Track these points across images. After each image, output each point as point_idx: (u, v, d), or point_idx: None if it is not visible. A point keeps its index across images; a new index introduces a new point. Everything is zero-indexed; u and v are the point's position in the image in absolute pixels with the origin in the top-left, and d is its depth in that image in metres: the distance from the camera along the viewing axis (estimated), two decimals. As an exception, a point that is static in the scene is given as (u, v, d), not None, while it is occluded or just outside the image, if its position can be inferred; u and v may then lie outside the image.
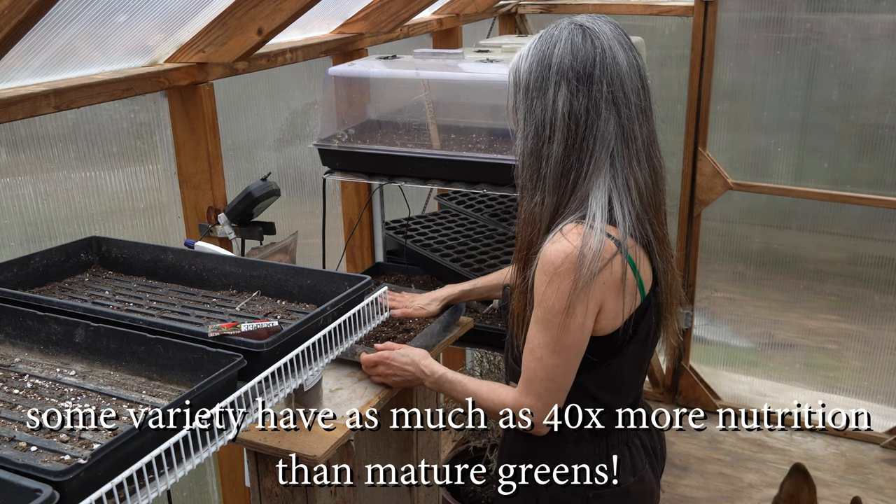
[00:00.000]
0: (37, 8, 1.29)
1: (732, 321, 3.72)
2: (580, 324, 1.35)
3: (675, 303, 1.49)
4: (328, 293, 1.37)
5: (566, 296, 1.32)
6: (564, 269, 1.32)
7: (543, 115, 1.35)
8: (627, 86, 1.34)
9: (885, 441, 3.46)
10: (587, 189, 1.35)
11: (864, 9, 3.11)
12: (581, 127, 1.33)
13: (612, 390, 1.47)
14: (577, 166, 1.35)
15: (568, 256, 1.32)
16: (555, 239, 1.34)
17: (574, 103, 1.33)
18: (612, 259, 1.33)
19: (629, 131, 1.35)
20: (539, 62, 1.36)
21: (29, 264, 1.45)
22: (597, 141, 1.34)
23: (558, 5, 3.62)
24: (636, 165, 1.36)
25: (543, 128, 1.35)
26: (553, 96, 1.34)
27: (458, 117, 2.25)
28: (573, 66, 1.33)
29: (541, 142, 1.36)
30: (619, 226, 1.34)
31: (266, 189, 1.99)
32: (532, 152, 1.38)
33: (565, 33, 1.35)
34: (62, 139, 1.82)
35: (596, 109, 1.33)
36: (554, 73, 1.34)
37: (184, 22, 1.91)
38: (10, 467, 0.86)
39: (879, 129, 3.18)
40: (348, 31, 2.59)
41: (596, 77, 1.33)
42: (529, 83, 1.37)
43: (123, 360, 1.18)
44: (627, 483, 1.50)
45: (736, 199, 3.48)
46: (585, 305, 1.34)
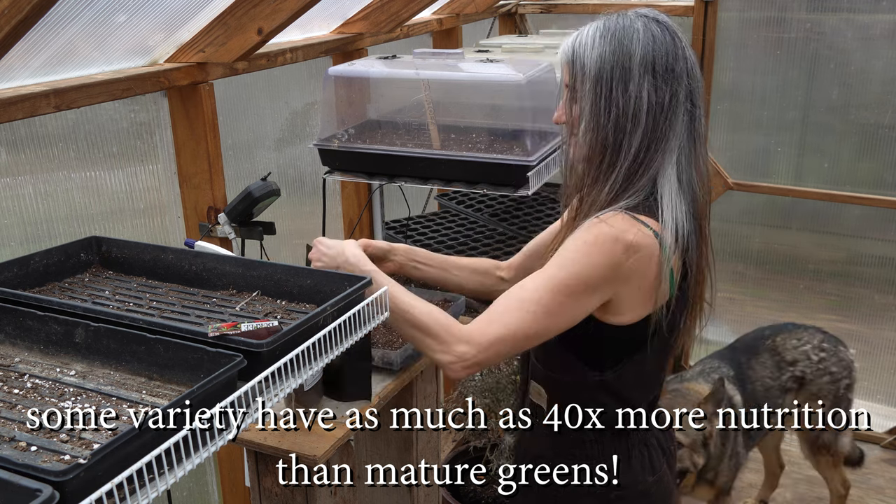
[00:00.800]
0: (36, 8, 1.29)
1: (732, 321, 3.72)
2: (591, 300, 1.32)
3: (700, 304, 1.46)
4: (328, 293, 1.36)
5: (595, 269, 1.29)
6: (606, 246, 1.29)
7: (625, 106, 1.31)
8: (698, 82, 1.35)
9: (885, 441, 3.46)
10: (651, 181, 1.34)
11: (864, 9, 3.12)
12: (661, 121, 1.32)
13: (636, 387, 1.46)
14: (651, 160, 1.33)
15: (614, 238, 1.29)
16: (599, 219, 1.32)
17: (658, 97, 1.31)
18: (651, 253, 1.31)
19: (697, 127, 1.35)
20: (616, 53, 1.31)
21: (29, 264, 1.45)
22: (673, 135, 1.33)
23: (558, 5, 3.62)
24: (700, 162, 1.37)
25: (625, 120, 1.32)
26: (637, 89, 1.31)
27: (458, 117, 2.25)
28: (657, 59, 1.31)
29: (621, 134, 1.32)
30: (667, 221, 1.33)
31: (266, 189, 1.99)
32: (607, 144, 1.34)
33: (640, 24, 1.32)
34: (62, 139, 1.82)
35: (676, 104, 1.32)
36: (637, 64, 1.30)
37: (184, 22, 1.91)
38: (10, 467, 0.86)
39: (879, 129, 3.18)
40: (348, 31, 2.59)
41: (677, 71, 1.32)
42: (603, 73, 1.32)
43: (123, 360, 1.18)
44: (647, 483, 1.49)
45: (736, 199, 3.48)
46: (602, 293, 1.32)
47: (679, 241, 1.33)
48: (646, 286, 1.33)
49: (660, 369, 1.50)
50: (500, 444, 2.85)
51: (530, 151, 2.00)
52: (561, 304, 1.31)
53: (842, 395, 2.74)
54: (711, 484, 2.58)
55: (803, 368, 2.71)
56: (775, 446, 3.08)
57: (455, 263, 1.71)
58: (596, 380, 1.42)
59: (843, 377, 2.73)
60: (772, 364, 2.72)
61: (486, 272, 1.72)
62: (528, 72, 2.04)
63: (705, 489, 2.60)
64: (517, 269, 1.70)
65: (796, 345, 2.74)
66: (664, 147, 1.33)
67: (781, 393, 2.70)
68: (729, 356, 2.76)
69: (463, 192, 2.86)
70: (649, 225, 1.31)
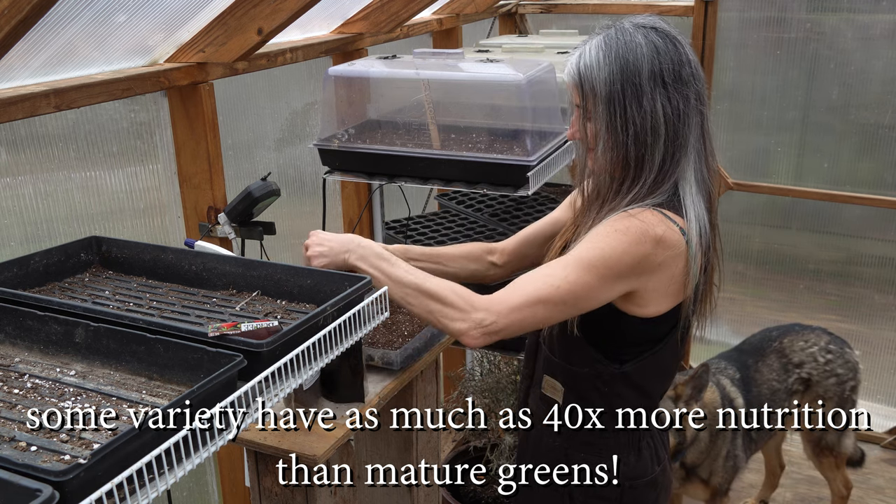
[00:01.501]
0: (36, 8, 1.29)
1: (732, 321, 3.72)
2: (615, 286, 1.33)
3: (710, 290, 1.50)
4: (328, 293, 1.36)
5: (626, 256, 1.30)
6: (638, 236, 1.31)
7: (643, 122, 1.33)
8: (703, 81, 1.37)
9: (885, 441, 3.46)
10: (674, 185, 1.37)
11: (864, 9, 3.12)
12: (680, 128, 1.35)
13: (654, 378, 1.49)
14: (675, 166, 1.36)
15: (646, 231, 1.31)
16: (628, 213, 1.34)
17: (672, 106, 1.33)
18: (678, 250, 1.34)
19: (706, 125, 1.39)
20: (623, 71, 1.33)
21: (29, 264, 1.45)
22: (690, 139, 1.36)
23: (558, 5, 3.62)
24: (710, 158, 1.40)
25: (645, 134, 1.34)
26: (651, 103, 1.33)
27: (458, 117, 2.25)
28: (664, 70, 1.33)
29: (642, 148, 1.35)
30: (691, 220, 1.36)
31: (266, 189, 1.99)
32: (630, 159, 1.36)
33: (640, 37, 1.34)
34: (62, 139, 1.82)
35: (689, 108, 1.35)
36: (647, 79, 1.32)
37: (184, 22, 1.91)
38: (10, 467, 0.86)
39: (879, 129, 3.18)
40: (348, 31, 2.59)
41: (685, 77, 1.34)
42: (614, 94, 1.34)
43: (123, 360, 1.18)
44: (655, 472, 1.53)
45: (736, 199, 3.48)
46: (627, 282, 1.33)
47: (703, 237, 1.37)
48: (671, 281, 1.36)
49: (676, 361, 1.53)
50: (500, 444, 2.85)
51: (530, 151, 2.00)
52: (586, 284, 1.32)
53: (847, 396, 2.73)
54: (706, 483, 2.57)
55: (810, 370, 2.70)
56: (776, 446, 3.08)
57: (449, 255, 1.71)
58: (616, 372, 1.45)
59: (848, 379, 2.73)
60: (778, 366, 2.70)
61: (478, 258, 1.72)
62: (528, 72, 2.04)
63: (699, 487, 2.59)
64: (510, 256, 1.71)
65: (804, 346, 2.72)
66: (685, 151, 1.36)
67: (787, 395, 2.69)
68: (735, 357, 2.75)
69: (463, 192, 2.86)
70: (676, 222, 1.34)
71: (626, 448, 1.51)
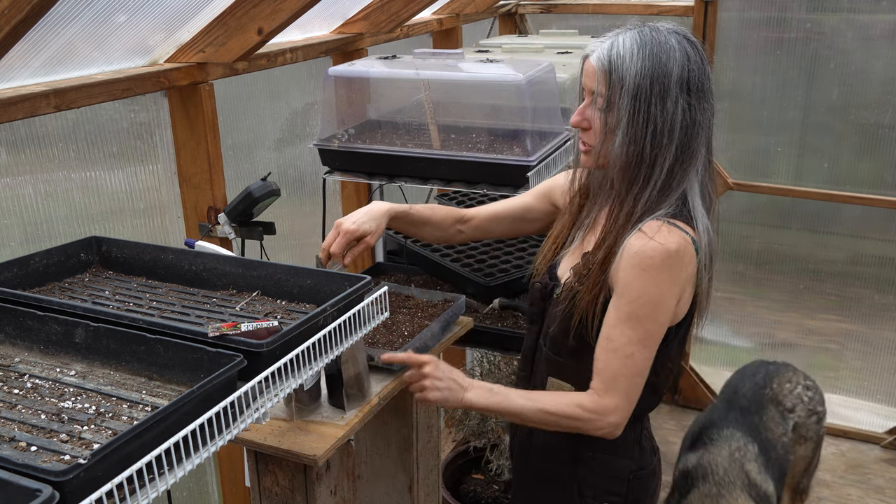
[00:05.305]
0: (36, 8, 1.29)
1: (732, 321, 3.72)
2: (668, 317, 1.41)
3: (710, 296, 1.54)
4: (328, 293, 1.36)
5: (664, 290, 1.37)
6: (663, 264, 1.36)
7: (662, 124, 1.36)
8: (714, 98, 1.41)
9: (885, 441, 3.46)
10: (683, 195, 1.41)
11: (864, 9, 3.12)
12: (693, 137, 1.38)
13: (662, 374, 1.53)
14: (683, 175, 1.40)
15: (668, 253, 1.35)
16: (644, 235, 1.37)
17: (690, 114, 1.37)
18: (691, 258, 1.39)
19: (711, 138, 1.43)
20: (655, 70, 1.35)
21: (29, 264, 1.45)
22: (701, 150, 1.40)
23: (558, 5, 3.62)
24: (711, 166, 1.45)
25: (661, 136, 1.37)
26: (673, 107, 1.35)
27: (458, 117, 2.25)
28: (692, 78, 1.36)
29: (657, 149, 1.37)
30: (700, 225, 1.40)
31: (266, 189, 1.99)
32: (644, 157, 1.38)
33: (674, 41, 1.37)
34: (62, 139, 1.82)
35: (703, 121, 1.39)
36: (674, 84, 1.35)
37: (184, 22, 1.91)
38: (10, 467, 0.86)
39: (879, 129, 3.18)
40: (348, 31, 2.59)
41: (706, 89, 1.38)
42: (642, 89, 1.35)
43: (123, 360, 1.18)
44: (654, 462, 1.60)
45: (736, 199, 3.48)
46: (676, 300, 1.40)
47: (711, 244, 1.42)
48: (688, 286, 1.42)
49: (682, 353, 1.59)
50: (500, 444, 2.85)
51: (530, 151, 2.00)
52: (648, 332, 1.40)
53: (822, 434, 2.58)
54: None
55: (799, 413, 2.53)
56: None
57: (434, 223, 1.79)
58: None
59: (823, 415, 2.57)
60: (778, 417, 2.50)
61: (447, 227, 1.80)
62: (528, 72, 2.04)
63: None
64: (475, 229, 1.81)
65: (790, 388, 2.55)
66: (693, 162, 1.40)
67: (792, 446, 2.51)
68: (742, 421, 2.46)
69: (463, 192, 2.86)
70: (687, 232, 1.38)
71: (632, 442, 1.55)
